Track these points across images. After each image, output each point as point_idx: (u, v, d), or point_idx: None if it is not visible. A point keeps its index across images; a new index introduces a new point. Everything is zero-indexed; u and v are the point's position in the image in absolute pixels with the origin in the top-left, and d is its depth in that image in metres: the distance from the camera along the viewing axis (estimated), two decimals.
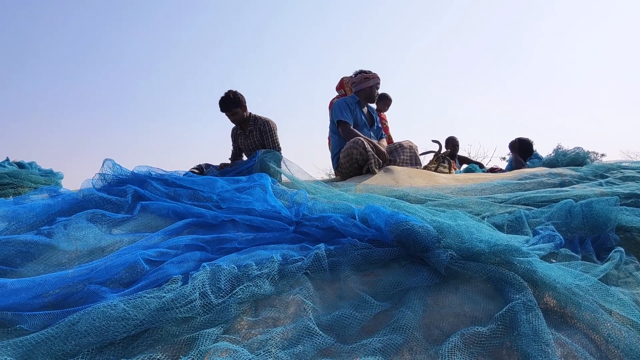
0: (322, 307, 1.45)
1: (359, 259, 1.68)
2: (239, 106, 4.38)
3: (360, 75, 4.27)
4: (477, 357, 1.27)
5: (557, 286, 1.53)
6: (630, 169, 3.67)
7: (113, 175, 2.48)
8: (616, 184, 3.23)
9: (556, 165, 4.40)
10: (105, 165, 2.49)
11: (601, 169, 3.71)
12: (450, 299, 1.53)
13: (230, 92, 4.37)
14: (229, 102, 4.35)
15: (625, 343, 1.36)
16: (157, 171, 2.62)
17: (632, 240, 2.15)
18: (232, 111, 4.38)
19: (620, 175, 3.48)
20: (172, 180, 2.50)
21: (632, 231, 2.19)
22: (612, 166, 3.82)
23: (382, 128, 4.62)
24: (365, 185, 3.02)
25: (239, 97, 4.38)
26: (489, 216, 2.35)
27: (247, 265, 1.55)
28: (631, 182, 3.23)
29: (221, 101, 4.37)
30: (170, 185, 2.45)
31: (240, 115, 4.43)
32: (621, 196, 2.70)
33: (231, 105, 4.36)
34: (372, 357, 1.21)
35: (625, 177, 3.40)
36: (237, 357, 1.14)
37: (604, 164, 4.10)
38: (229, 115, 4.43)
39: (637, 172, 3.54)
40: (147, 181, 2.44)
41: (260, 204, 2.17)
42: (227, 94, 4.36)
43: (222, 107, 4.39)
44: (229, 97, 4.35)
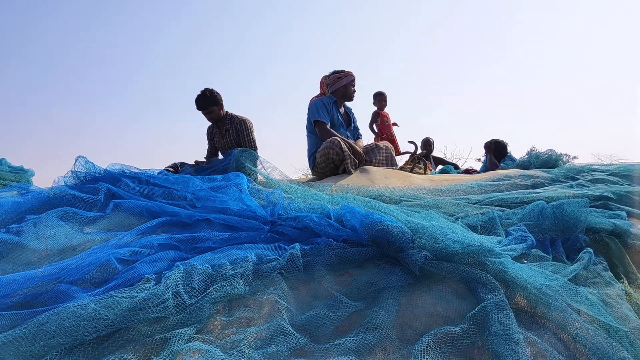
0: (296, 307, 1.45)
1: (333, 258, 1.69)
2: (215, 104, 4.34)
3: (333, 76, 4.27)
4: (449, 356, 1.29)
5: (528, 286, 1.55)
6: (600, 172, 3.75)
7: (86, 173, 2.44)
8: (586, 186, 3.30)
9: (529, 167, 4.47)
10: (78, 163, 2.44)
11: (572, 172, 3.78)
12: (423, 299, 1.54)
13: (206, 90, 4.33)
14: (205, 101, 4.31)
15: (592, 342, 1.39)
16: (131, 169, 2.59)
17: (601, 241, 2.20)
18: (208, 110, 4.34)
19: (591, 177, 3.55)
20: (146, 178, 2.47)
21: (601, 232, 2.24)
22: (582, 169, 3.90)
23: (359, 128, 4.63)
24: (341, 185, 3.03)
25: (215, 96, 4.34)
26: (463, 217, 2.38)
27: (222, 264, 1.54)
28: (601, 185, 3.31)
29: (197, 99, 4.32)
30: (144, 184, 2.42)
31: (216, 113, 4.39)
32: (591, 198, 2.76)
33: (207, 103, 4.31)
34: (345, 357, 1.21)
35: (595, 180, 3.47)
36: (210, 358, 1.14)
37: (575, 166, 4.18)
38: (205, 113, 4.39)
39: (606, 175, 3.62)
40: (120, 179, 2.41)
41: (236, 203, 2.15)
42: (203, 92, 4.31)
43: (198, 106, 4.34)
44: (205, 96, 4.30)
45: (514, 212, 2.43)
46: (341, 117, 4.29)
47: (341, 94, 4.26)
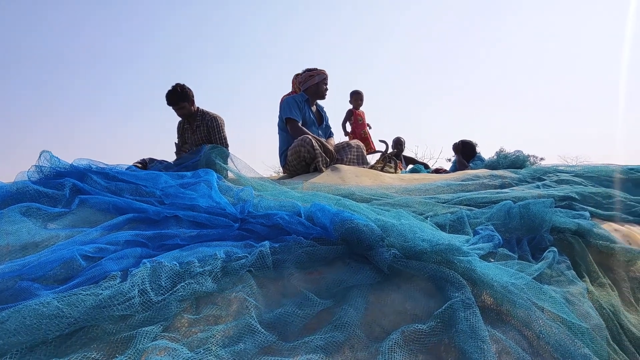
0: (264, 305, 1.45)
1: (303, 257, 1.68)
2: (186, 100, 4.29)
3: (305, 73, 4.27)
4: (417, 354, 1.30)
5: (494, 285, 1.58)
6: (565, 173, 3.83)
7: (50, 168, 2.38)
8: (552, 186, 3.37)
9: (497, 167, 4.54)
10: (42, 157, 2.38)
11: (539, 172, 3.86)
12: (392, 297, 1.55)
13: (177, 85, 4.27)
14: (175, 96, 4.25)
15: (555, 339, 1.42)
16: (98, 164, 2.53)
17: (565, 240, 2.25)
18: (179, 105, 4.28)
19: (556, 178, 3.63)
20: (113, 174, 2.42)
21: (565, 232, 2.29)
22: (549, 169, 3.98)
23: (331, 127, 4.63)
24: (312, 184, 3.02)
25: (187, 91, 4.29)
26: (432, 216, 2.41)
27: (190, 262, 1.52)
28: (566, 185, 3.38)
29: (168, 95, 4.26)
30: (112, 180, 2.37)
31: (187, 109, 4.33)
32: (556, 198, 2.82)
33: (178, 99, 4.26)
34: (313, 355, 1.21)
35: (560, 180, 3.55)
36: (176, 356, 1.12)
37: (542, 167, 4.27)
38: (176, 109, 4.33)
39: (571, 176, 3.71)
40: (87, 175, 2.36)
41: (205, 200, 2.13)
42: (174, 87, 4.25)
43: (169, 101, 4.28)
44: (176, 91, 4.25)
45: (482, 212, 2.47)
46: (313, 115, 4.29)
47: (313, 91, 4.26)
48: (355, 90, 6.75)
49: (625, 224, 2.83)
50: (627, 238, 2.58)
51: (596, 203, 3.04)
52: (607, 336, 1.55)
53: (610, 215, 2.88)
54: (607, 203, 3.08)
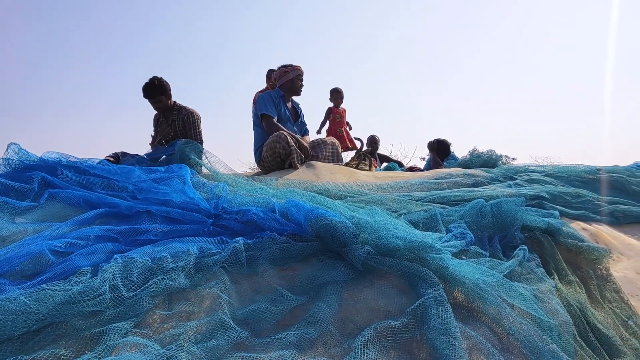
0: (238, 301, 1.44)
1: (277, 253, 1.68)
2: (163, 94, 4.22)
3: (280, 70, 4.26)
4: (389, 350, 1.31)
5: (466, 282, 1.60)
6: (536, 172, 3.91)
7: (18, 161, 2.32)
8: (523, 186, 3.43)
9: (470, 166, 4.61)
10: (10, 150, 2.32)
11: (511, 172, 3.93)
12: (365, 294, 1.56)
13: (154, 78, 4.20)
14: (153, 89, 4.18)
15: (524, 335, 1.44)
16: (69, 158, 2.48)
17: (535, 239, 2.29)
18: (155, 99, 4.22)
19: (528, 177, 3.70)
20: (84, 168, 2.38)
21: (535, 230, 2.34)
22: (520, 169, 4.06)
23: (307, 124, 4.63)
24: (286, 180, 3.02)
25: (164, 85, 4.23)
26: (406, 213, 2.43)
27: (162, 257, 1.51)
28: (536, 185, 3.45)
29: (145, 87, 4.19)
30: (83, 174, 2.33)
31: (164, 103, 4.27)
32: (527, 197, 2.88)
33: (155, 92, 4.19)
34: (286, 351, 1.21)
35: (531, 180, 3.63)
36: (148, 352, 1.11)
37: (514, 166, 4.35)
38: (153, 102, 4.26)
39: (542, 176, 3.78)
40: (57, 168, 2.31)
41: (178, 195, 2.11)
42: (151, 80, 4.19)
43: (146, 94, 4.21)
44: (153, 84, 4.18)
45: (454, 210, 2.50)
46: (288, 111, 4.28)
47: (288, 88, 4.25)
48: (335, 88, 6.78)
49: (592, 223, 2.90)
50: (595, 237, 2.65)
51: (565, 202, 3.10)
52: (574, 332, 1.59)
53: (578, 215, 2.95)
54: (576, 202, 3.15)
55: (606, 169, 4.13)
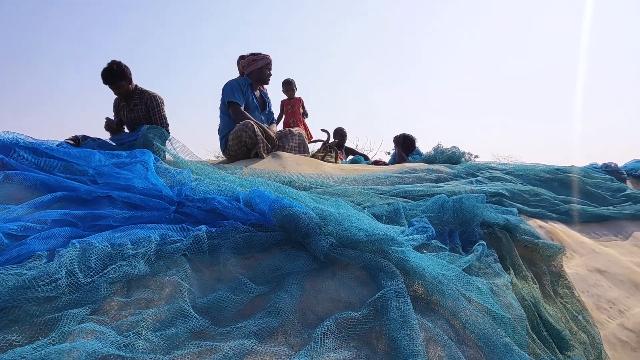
0: (199, 290, 1.43)
1: (240, 242, 1.67)
2: (123, 79, 4.11)
3: (249, 58, 4.21)
4: (348, 340, 1.32)
5: (425, 275, 1.63)
6: (497, 170, 4.01)
7: None
8: (484, 182, 3.51)
9: (434, 162, 4.67)
10: None
11: (473, 168, 4.01)
12: (327, 285, 1.57)
13: (113, 63, 4.07)
14: (112, 75, 4.06)
15: (479, 328, 1.48)
16: (26, 139, 2.41)
17: (494, 235, 2.35)
18: (116, 84, 4.10)
19: (489, 175, 3.78)
20: (43, 150, 2.31)
21: (494, 227, 2.39)
22: (482, 166, 4.14)
23: (274, 113, 4.60)
24: (252, 169, 3.00)
25: (124, 69, 4.11)
26: (370, 206, 2.45)
27: (122, 244, 1.48)
28: (497, 182, 3.53)
29: (104, 73, 4.06)
30: (41, 155, 2.26)
31: (124, 88, 4.15)
32: (488, 194, 2.94)
33: (115, 78, 4.07)
34: (246, 340, 1.21)
35: (492, 177, 3.71)
36: (104, 339, 1.09)
37: (476, 164, 4.43)
38: (113, 87, 4.14)
39: (503, 174, 3.88)
40: (13, 149, 2.23)
41: (141, 181, 2.07)
42: (110, 65, 4.06)
43: (106, 80, 4.08)
44: (112, 69, 4.05)
45: (417, 204, 2.54)
46: (256, 100, 4.25)
47: (256, 76, 4.21)
48: (286, 79, 6.77)
49: (549, 221, 2.99)
50: (550, 234, 2.73)
51: (524, 200, 3.19)
52: (527, 326, 1.64)
53: (536, 213, 3.03)
54: (534, 201, 3.25)
55: (563, 169, 4.26)
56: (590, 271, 2.43)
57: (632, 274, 2.51)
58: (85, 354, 1.02)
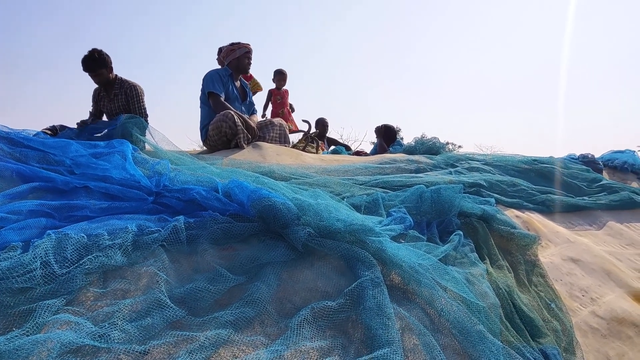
0: (176, 280, 1.43)
1: (218, 233, 1.67)
2: (104, 67, 4.05)
3: (227, 48, 4.18)
4: (325, 330, 1.34)
5: (402, 265, 1.65)
6: (476, 161, 4.05)
7: None
8: (463, 173, 3.55)
9: (414, 152, 4.70)
10: None
11: (452, 159, 4.05)
12: (304, 275, 1.58)
13: (94, 51, 4.02)
14: (93, 62, 4.01)
15: (454, 317, 1.51)
16: (2, 129, 2.37)
17: (471, 225, 2.38)
18: (96, 72, 4.04)
19: (468, 165, 3.83)
20: (18, 139, 2.27)
21: (471, 217, 2.43)
22: (461, 157, 4.18)
23: (254, 103, 4.58)
24: (232, 160, 3.00)
25: (105, 58, 4.06)
26: (349, 197, 2.46)
27: (99, 234, 1.47)
28: (476, 173, 3.58)
29: (85, 60, 4.00)
30: (16, 145, 2.22)
31: (105, 76, 4.10)
32: (466, 185, 2.98)
33: (95, 65, 4.02)
34: (222, 330, 1.22)
35: (471, 168, 3.75)
36: (79, 330, 1.09)
37: (455, 154, 4.48)
38: (93, 75, 4.08)
39: (481, 164, 3.92)
40: None
41: (118, 171, 2.05)
42: (91, 52, 4.01)
43: (85, 67, 4.02)
44: (93, 57, 4.00)
45: (396, 194, 2.56)
46: (237, 90, 4.22)
47: (235, 66, 4.18)
48: (279, 69, 6.82)
49: (525, 211, 3.04)
50: (526, 224, 2.78)
51: (501, 190, 3.23)
52: (500, 314, 1.67)
53: (513, 203, 3.08)
54: (512, 191, 3.29)
55: (541, 159, 4.33)
56: (565, 260, 2.48)
57: (605, 262, 2.57)
58: (60, 344, 1.02)
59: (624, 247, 3.01)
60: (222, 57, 4.24)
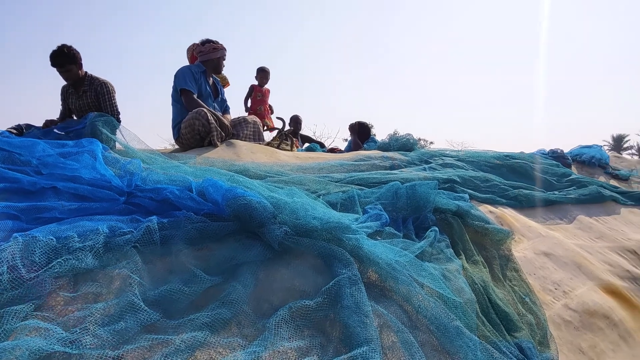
0: (150, 282, 1.39)
1: (193, 232, 1.64)
2: (73, 63, 3.95)
3: (208, 45, 4.12)
4: (303, 329, 1.33)
5: (379, 262, 1.64)
6: (449, 157, 4.09)
7: None
8: (437, 169, 3.58)
9: (389, 149, 4.72)
10: None
11: (426, 155, 4.08)
12: (281, 274, 1.57)
13: (64, 46, 3.91)
14: (62, 57, 3.89)
15: (431, 313, 1.51)
16: None
17: (446, 220, 2.40)
18: (65, 67, 3.92)
19: (441, 162, 3.86)
20: None
21: (446, 212, 2.44)
22: (435, 153, 4.22)
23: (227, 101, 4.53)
24: (205, 158, 2.96)
25: (74, 53, 3.95)
26: (325, 194, 2.45)
27: (68, 236, 1.43)
28: (449, 169, 3.61)
29: (53, 55, 3.89)
30: None
31: (74, 72, 3.99)
32: (440, 181, 3.00)
33: (64, 60, 3.90)
34: (198, 332, 1.20)
35: (445, 164, 3.79)
36: (49, 336, 1.05)
37: (429, 150, 4.52)
38: (62, 71, 3.96)
39: (455, 160, 3.96)
40: None
41: (88, 171, 2.00)
42: (60, 47, 3.89)
43: (54, 62, 3.91)
44: (62, 52, 3.89)
45: (372, 191, 2.56)
46: (209, 87, 4.17)
47: (213, 65, 4.14)
48: (262, 67, 6.85)
49: (498, 206, 3.08)
50: (500, 219, 2.81)
51: (475, 186, 3.27)
52: (477, 309, 1.69)
53: (486, 198, 3.12)
54: (485, 186, 3.33)
55: (512, 155, 4.40)
56: (537, 254, 2.52)
57: (576, 256, 2.62)
58: (29, 352, 0.98)
59: (594, 240, 3.08)
60: (197, 53, 4.17)
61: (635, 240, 3.17)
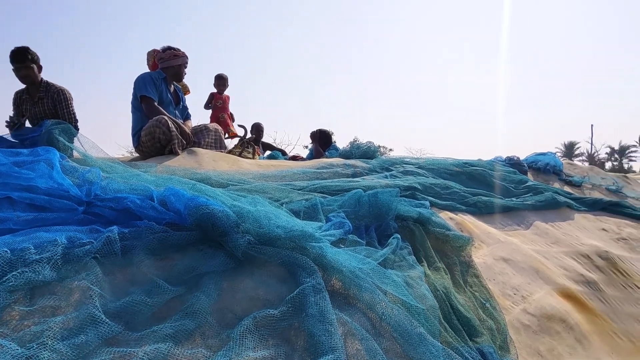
0: (111, 294, 1.36)
1: (155, 242, 1.61)
2: (33, 62, 3.86)
3: (169, 52, 4.07)
4: (267, 338, 1.32)
5: (343, 270, 1.66)
6: (410, 164, 4.15)
7: None
8: (398, 177, 3.63)
9: (350, 157, 4.76)
10: None
11: (387, 163, 4.14)
12: (245, 283, 1.56)
13: (24, 47, 3.83)
14: (25, 55, 3.80)
15: (395, 320, 1.53)
16: None
17: (408, 228, 2.43)
18: (26, 64, 3.81)
19: (402, 169, 3.92)
20: None
21: (408, 220, 2.48)
22: (396, 161, 4.28)
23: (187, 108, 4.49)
24: (166, 167, 2.91)
25: (35, 55, 3.86)
26: (288, 202, 2.45)
27: (24, 248, 1.38)
28: (410, 176, 3.66)
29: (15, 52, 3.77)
30: None
31: (34, 73, 3.89)
32: (402, 188, 3.05)
33: (27, 58, 3.81)
34: (161, 344, 1.18)
35: (406, 171, 3.85)
36: (3, 352, 1.01)
37: (390, 158, 4.58)
38: (22, 67, 3.83)
39: (415, 168, 4.03)
40: None
41: (45, 180, 1.94)
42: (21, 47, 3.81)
43: (16, 58, 3.79)
44: (26, 50, 3.80)
45: (334, 199, 2.57)
46: (170, 94, 4.12)
47: (174, 72, 4.10)
48: (220, 74, 6.85)
49: (458, 213, 3.14)
50: (460, 226, 2.87)
51: (435, 193, 3.33)
52: (439, 315, 1.72)
53: (446, 205, 3.18)
54: (445, 193, 3.40)
55: (471, 162, 4.50)
56: (496, 260, 2.59)
57: (533, 261, 2.70)
58: None
59: (550, 245, 3.18)
60: (159, 60, 4.11)
61: (588, 245, 3.29)
